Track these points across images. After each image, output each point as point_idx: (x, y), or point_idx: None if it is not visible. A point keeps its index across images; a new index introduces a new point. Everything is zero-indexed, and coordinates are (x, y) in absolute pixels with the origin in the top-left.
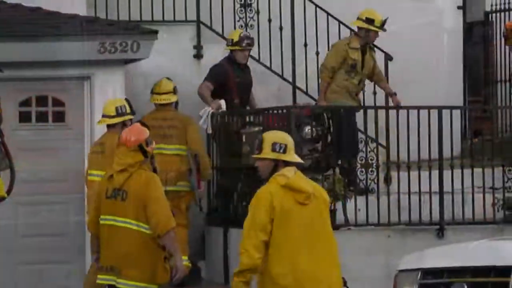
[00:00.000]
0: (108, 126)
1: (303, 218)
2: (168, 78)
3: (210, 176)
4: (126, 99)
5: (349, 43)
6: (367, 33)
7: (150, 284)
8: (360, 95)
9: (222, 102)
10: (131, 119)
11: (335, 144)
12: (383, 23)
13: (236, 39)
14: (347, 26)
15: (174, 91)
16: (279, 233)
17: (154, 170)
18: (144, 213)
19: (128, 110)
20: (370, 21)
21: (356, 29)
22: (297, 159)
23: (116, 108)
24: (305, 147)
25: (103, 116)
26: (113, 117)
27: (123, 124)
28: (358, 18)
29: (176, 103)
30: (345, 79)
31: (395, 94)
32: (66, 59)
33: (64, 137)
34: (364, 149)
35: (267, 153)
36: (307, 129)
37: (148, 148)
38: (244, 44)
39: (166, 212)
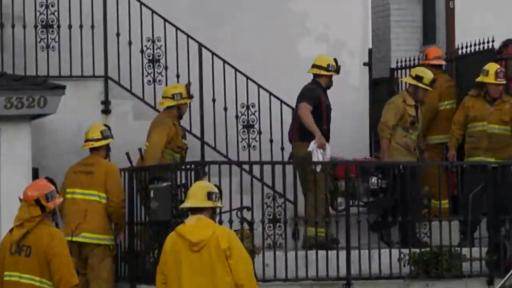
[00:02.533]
0: (93, 149)
1: (194, 262)
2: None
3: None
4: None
5: (404, 100)
6: (415, 89)
7: None
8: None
9: (328, 146)
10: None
11: (398, 199)
12: (432, 81)
13: (336, 66)
14: (254, 82)
15: (173, 97)
16: (171, 275)
17: (56, 226)
18: (47, 269)
19: (106, 133)
20: (419, 78)
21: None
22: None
23: (101, 132)
24: (367, 197)
25: (88, 140)
26: (98, 140)
27: (107, 147)
28: (409, 75)
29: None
30: (404, 136)
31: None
32: None
33: None
34: (272, 205)
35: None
36: (374, 179)
37: (48, 204)
38: (339, 70)
39: (69, 269)
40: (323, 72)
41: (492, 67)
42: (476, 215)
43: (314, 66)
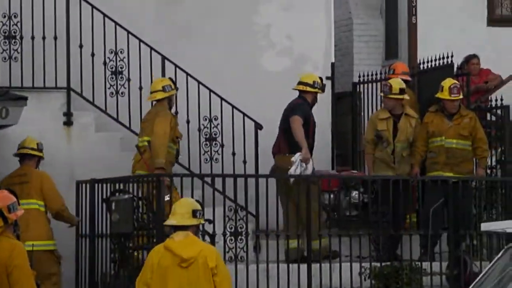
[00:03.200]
0: (24, 158)
1: (182, 278)
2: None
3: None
4: (170, 78)
5: (378, 115)
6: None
7: None
8: None
9: (310, 161)
10: None
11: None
12: (401, 90)
13: (321, 84)
14: (217, 95)
15: (164, 89)
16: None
17: (18, 238)
18: (7, 281)
19: (41, 147)
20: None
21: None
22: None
23: (37, 144)
24: (350, 210)
25: (24, 147)
26: (34, 149)
27: (38, 162)
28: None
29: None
30: (380, 150)
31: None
32: None
33: None
34: (233, 218)
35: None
36: (355, 193)
37: (9, 215)
38: (324, 88)
39: (29, 281)
40: (308, 89)
41: (447, 83)
42: (437, 229)
43: (300, 83)
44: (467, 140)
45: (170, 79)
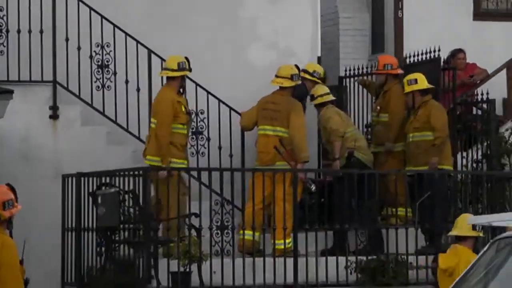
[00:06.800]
0: (168, 79)
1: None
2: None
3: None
4: (297, 66)
5: None
6: None
7: None
8: None
9: None
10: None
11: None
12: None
13: (322, 74)
14: (203, 88)
15: (292, 78)
16: None
17: (10, 235)
18: None
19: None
20: None
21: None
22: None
23: (178, 64)
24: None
25: (165, 69)
26: (174, 70)
27: (182, 78)
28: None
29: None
30: None
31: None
32: None
33: None
34: (220, 211)
35: None
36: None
37: (3, 212)
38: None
39: (16, 281)
40: (307, 76)
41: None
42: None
43: (302, 70)
44: (424, 131)
45: (297, 67)
